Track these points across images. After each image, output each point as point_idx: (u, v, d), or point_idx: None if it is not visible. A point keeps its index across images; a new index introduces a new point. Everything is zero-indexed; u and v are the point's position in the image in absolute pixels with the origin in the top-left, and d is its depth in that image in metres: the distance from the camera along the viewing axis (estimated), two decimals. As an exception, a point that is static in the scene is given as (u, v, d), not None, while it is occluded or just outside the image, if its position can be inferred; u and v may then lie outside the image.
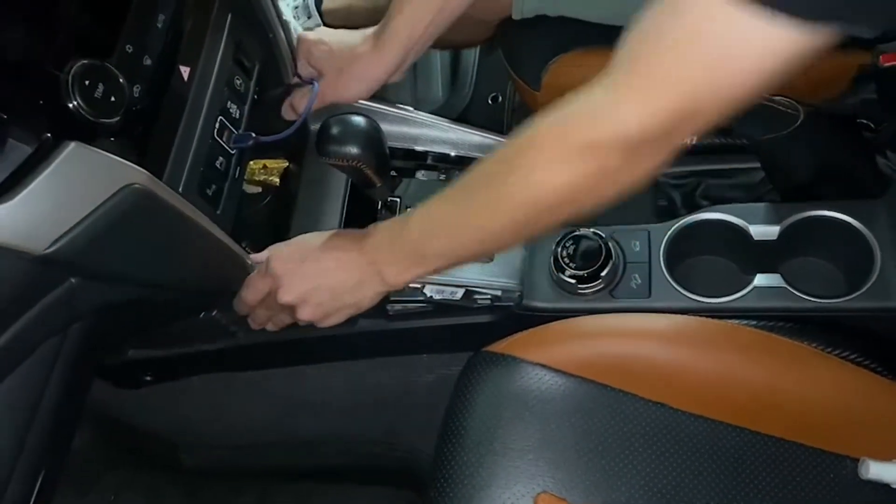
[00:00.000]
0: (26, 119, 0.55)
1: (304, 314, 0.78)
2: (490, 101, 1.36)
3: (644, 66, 0.55)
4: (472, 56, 1.39)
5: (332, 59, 0.88)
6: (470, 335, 0.90)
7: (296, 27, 1.25)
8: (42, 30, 0.57)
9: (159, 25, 0.66)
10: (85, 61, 0.59)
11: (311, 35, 0.91)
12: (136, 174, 0.60)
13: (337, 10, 1.24)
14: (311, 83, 0.91)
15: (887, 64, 0.82)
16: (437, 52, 1.36)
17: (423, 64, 1.36)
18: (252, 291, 0.80)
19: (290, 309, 0.79)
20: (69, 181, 0.56)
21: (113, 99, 0.60)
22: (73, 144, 0.56)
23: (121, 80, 0.61)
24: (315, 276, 0.77)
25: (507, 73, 1.04)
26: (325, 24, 1.25)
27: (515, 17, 0.94)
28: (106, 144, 0.60)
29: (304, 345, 0.97)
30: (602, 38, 0.94)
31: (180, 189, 0.70)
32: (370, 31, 0.87)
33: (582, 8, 0.92)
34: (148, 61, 0.64)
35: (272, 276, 0.78)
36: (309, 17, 1.24)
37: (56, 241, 0.56)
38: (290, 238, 0.90)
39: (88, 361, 0.73)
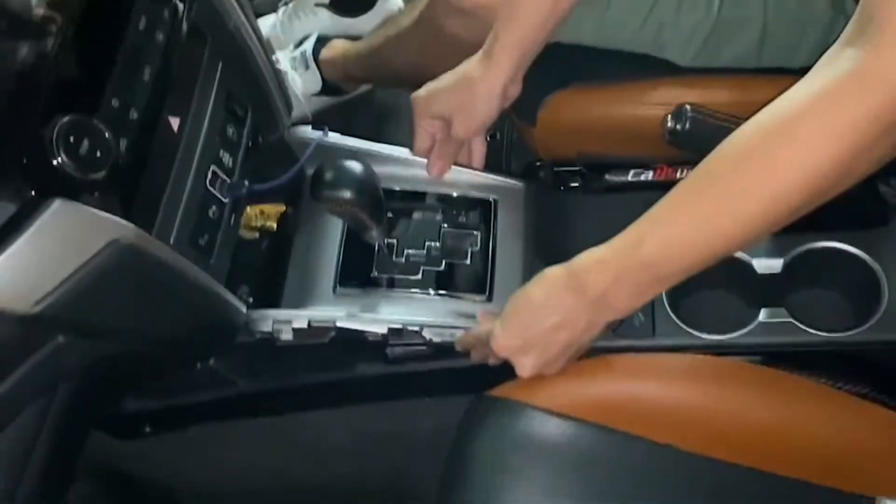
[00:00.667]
0: (10, 177, 0.55)
1: (549, 371, 0.75)
2: (487, 139, 1.35)
3: None
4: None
5: (451, 97, 0.89)
6: (472, 377, 0.88)
7: (293, 77, 1.26)
8: (25, 87, 0.57)
9: (146, 78, 0.66)
10: (69, 117, 0.58)
11: (420, 92, 0.92)
12: (122, 229, 0.60)
13: (334, 59, 1.24)
14: (321, 129, 0.91)
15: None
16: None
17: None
18: (472, 345, 0.81)
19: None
20: (54, 238, 0.56)
21: (99, 154, 0.60)
22: (57, 201, 0.56)
23: (107, 136, 0.60)
24: (542, 345, 0.73)
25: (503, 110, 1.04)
26: (323, 74, 1.26)
27: None
28: (93, 199, 0.59)
29: (304, 391, 0.95)
30: (598, 73, 0.94)
31: (171, 240, 0.70)
32: (476, 56, 0.87)
33: (574, 32, 0.91)
34: (135, 114, 0.64)
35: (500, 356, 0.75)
36: (307, 69, 1.25)
37: (41, 299, 0.55)
38: (285, 283, 0.90)
39: (81, 418, 0.72)
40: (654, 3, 0.87)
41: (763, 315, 0.82)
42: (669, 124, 0.76)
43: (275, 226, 0.97)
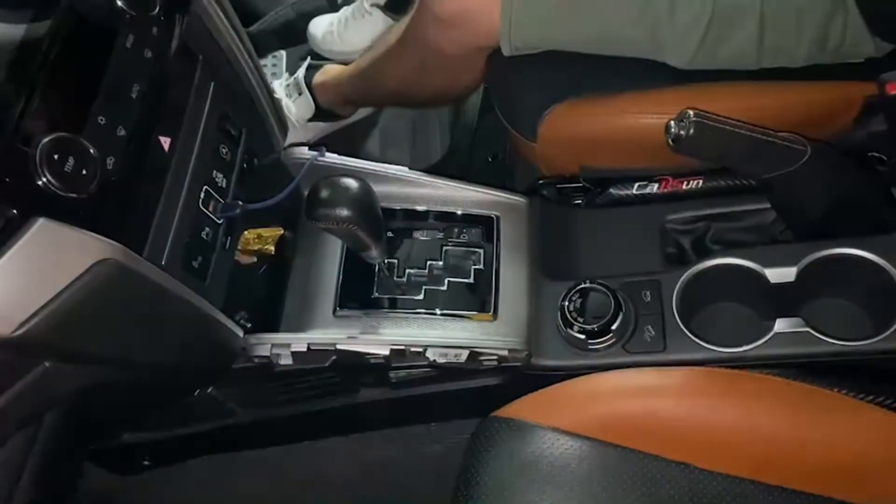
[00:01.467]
0: (-7, 197, 0.53)
1: None
2: (490, 160, 1.34)
3: None
4: (471, 115, 1.38)
5: None
6: (478, 400, 0.85)
7: (288, 105, 1.25)
8: (7, 105, 0.55)
9: (133, 95, 0.64)
10: (54, 135, 0.57)
11: None
12: (109, 249, 0.58)
13: (326, 83, 1.24)
14: (318, 150, 0.89)
15: (894, 91, 0.79)
16: (436, 113, 1.35)
17: (421, 124, 1.35)
18: None
19: None
20: (37, 259, 0.54)
21: (84, 172, 0.58)
22: (40, 220, 0.54)
23: (92, 152, 0.58)
24: None
25: (505, 129, 1.02)
26: (316, 99, 1.25)
27: (504, 51, 0.92)
28: (78, 218, 0.57)
29: (306, 420, 0.92)
30: (596, 84, 0.93)
31: (163, 262, 0.68)
32: None
33: (568, 33, 0.89)
34: (122, 132, 0.62)
35: None
36: (300, 94, 1.25)
37: (24, 322, 0.53)
38: (284, 307, 0.87)
39: (72, 451, 0.69)
40: (648, 3, 0.85)
41: (778, 326, 0.79)
42: (673, 130, 0.74)
43: (273, 250, 0.94)
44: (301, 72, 1.25)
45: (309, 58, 1.29)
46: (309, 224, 0.92)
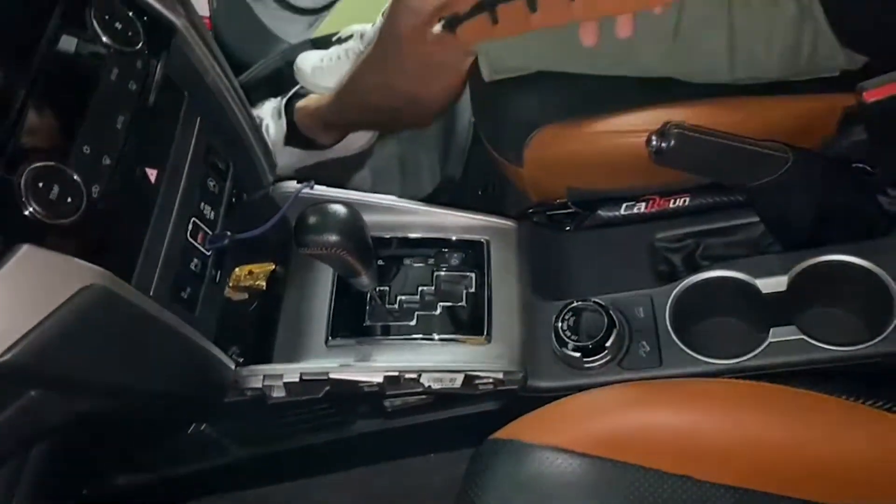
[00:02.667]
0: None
1: None
2: (480, 192, 1.34)
3: None
4: (461, 149, 1.39)
5: None
6: (476, 427, 0.84)
7: (268, 124, 1.26)
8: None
9: (118, 126, 0.65)
10: (38, 164, 0.57)
11: None
12: (95, 274, 0.58)
13: (307, 106, 1.25)
14: (306, 182, 0.90)
15: (871, 99, 0.80)
16: (425, 148, 1.36)
17: (410, 160, 1.36)
18: None
19: None
20: (22, 285, 0.54)
21: (69, 200, 0.59)
22: (24, 247, 0.54)
23: (77, 180, 0.59)
24: None
25: (493, 163, 1.03)
26: (297, 125, 1.26)
27: (485, 76, 0.93)
28: (64, 245, 0.57)
29: (302, 455, 0.91)
30: (578, 108, 0.94)
31: (151, 291, 0.68)
32: None
33: (550, 55, 0.91)
34: (107, 161, 0.63)
35: None
36: (280, 117, 1.27)
37: (8, 349, 0.52)
38: (275, 341, 0.87)
39: (59, 489, 0.68)
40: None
41: (773, 335, 0.78)
42: (654, 143, 0.74)
43: (264, 285, 0.94)
44: (286, 97, 1.26)
45: (298, 86, 1.31)
46: (299, 258, 0.93)
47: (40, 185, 0.57)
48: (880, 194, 0.86)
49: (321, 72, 1.40)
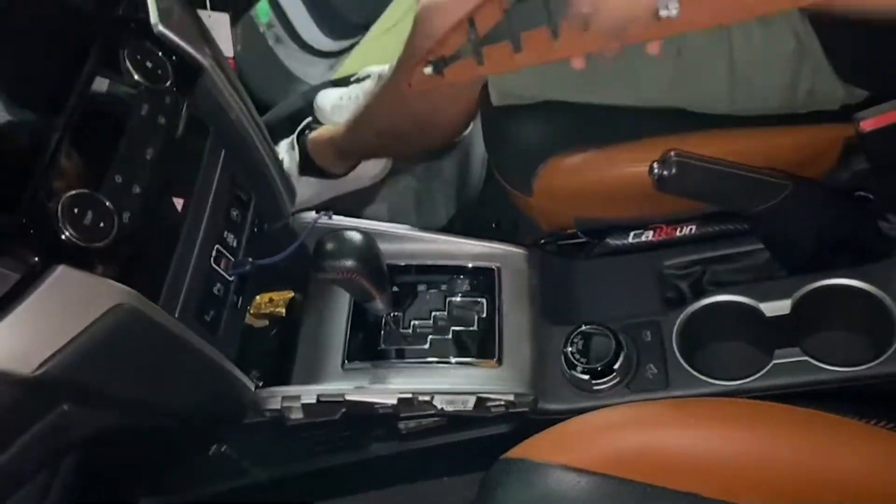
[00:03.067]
0: (18, 245, 0.57)
1: None
2: (494, 225, 1.38)
3: None
4: (475, 184, 1.42)
5: None
6: (488, 449, 0.85)
7: (282, 156, 1.31)
8: (33, 163, 0.60)
9: (148, 157, 0.69)
10: (74, 192, 0.61)
11: None
12: (125, 294, 0.62)
13: (321, 137, 1.29)
14: (324, 212, 0.94)
15: (868, 129, 0.83)
16: (440, 182, 1.40)
17: (425, 194, 1.40)
18: None
19: None
20: (58, 303, 0.57)
21: (102, 225, 0.63)
22: (60, 267, 0.58)
23: (108, 206, 0.63)
24: None
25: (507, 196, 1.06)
26: (311, 155, 1.31)
27: (494, 101, 0.97)
28: (97, 267, 0.61)
29: (319, 477, 0.93)
30: (586, 138, 0.97)
31: (176, 313, 0.71)
32: None
33: (557, 83, 0.94)
34: (137, 190, 0.67)
35: None
36: (293, 149, 1.31)
37: (45, 362, 0.56)
38: (293, 365, 0.90)
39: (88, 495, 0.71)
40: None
41: (777, 357, 0.80)
42: (656, 171, 0.78)
43: (283, 312, 0.98)
44: (298, 130, 1.31)
45: (310, 119, 1.36)
46: (318, 285, 0.96)
47: (76, 210, 0.61)
48: (881, 220, 0.88)
49: (340, 109, 1.46)
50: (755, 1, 0.80)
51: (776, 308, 0.83)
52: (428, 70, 0.88)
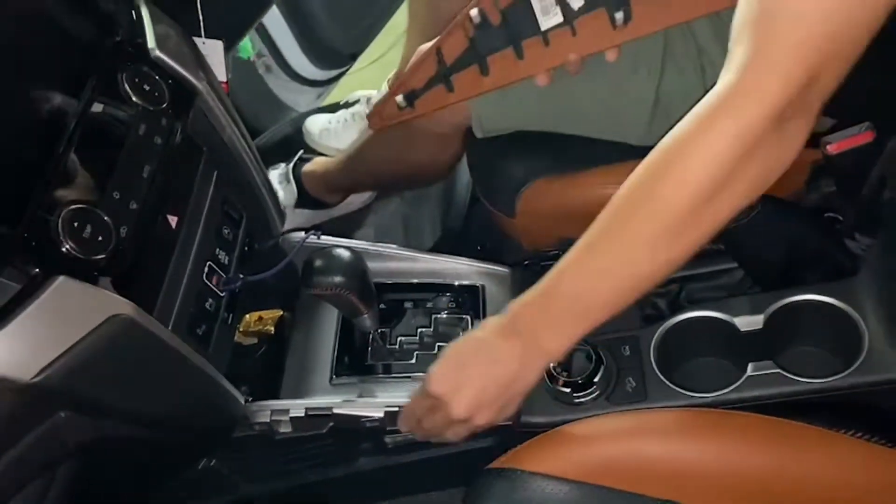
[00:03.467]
0: (19, 257, 0.60)
1: (481, 420, 0.76)
2: (479, 249, 1.40)
3: (765, 40, 0.61)
4: (461, 208, 1.46)
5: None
6: (474, 463, 0.87)
7: (277, 190, 1.34)
8: (35, 180, 0.63)
9: (145, 175, 0.72)
10: (74, 206, 0.64)
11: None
12: (122, 305, 0.64)
13: (315, 171, 1.33)
14: (313, 232, 0.96)
15: (834, 152, 0.87)
16: (427, 206, 1.43)
17: (412, 217, 1.43)
18: (409, 415, 0.79)
19: (465, 420, 0.76)
20: (57, 312, 0.60)
21: (100, 238, 0.65)
22: (61, 278, 0.60)
23: (106, 220, 0.66)
24: (478, 381, 0.73)
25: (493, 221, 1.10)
26: (305, 187, 1.34)
27: (477, 134, 1.01)
28: (97, 279, 0.64)
29: (306, 492, 0.95)
30: (567, 163, 1.01)
31: (170, 326, 0.73)
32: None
33: (532, 114, 0.98)
34: (134, 205, 0.70)
35: (433, 398, 0.75)
36: (288, 182, 1.34)
37: (43, 369, 0.58)
38: (282, 380, 0.92)
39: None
40: (599, 77, 0.94)
41: (750, 369, 0.83)
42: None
43: (272, 330, 1.00)
44: (291, 163, 1.34)
45: (301, 151, 1.39)
46: (306, 303, 0.99)
47: (75, 224, 0.64)
48: (848, 239, 0.92)
49: (328, 134, 1.49)
50: (695, 2, 0.85)
51: (749, 323, 0.86)
52: (401, 101, 0.93)
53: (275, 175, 1.38)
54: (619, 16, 0.87)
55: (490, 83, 0.91)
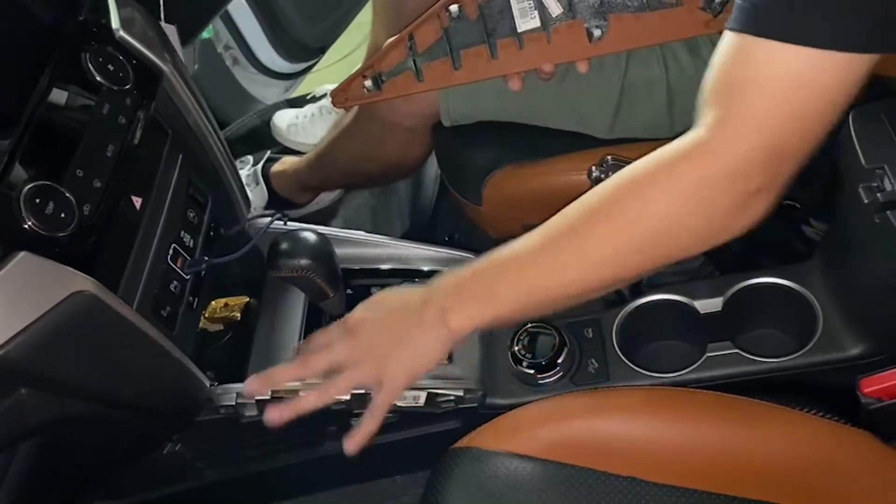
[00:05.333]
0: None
1: (360, 371, 0.74)
2: (447, 239, 1.42)
3: (733, 110, 0.63)
4: (429, 198, 1.47)
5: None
6: (440, 447, 0.89)
7: (254, 201, 1.34)
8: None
9: (108, 154, 0.72)
10: (36, 183, 0.64)
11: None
12: (85, 282, 0.64)
13: (284, 172, 1.33)
14: (279, 214, 0.96)
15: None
16: (395, 196, 1.44)
17: (381, 209, 1.44)
18: (323, 336, 0.77)
19: (347, 364, 0.74)
20: (18, 288, 0.59)
21: (63, 215, 0.65)
22: (22, 253, 0.60)
23: (69, 197, 0.65)
24: (380, 319, 0.74)
25: (460, 211, 1.11)
26: (274, 188, 1.34)
27: (445, 123, 1.02)
28: (60, 256, 0.63)
29: (272, 477, 0.95)
30: (533, 150, 1.02)
31: (134, 306, 0.73)
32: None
33: (498, 106, 1.00)
34: (98, 184, 0.69)
35: (344, 324, 0.75)
36: (257, 185, 1.34)
37: (3, 344, 0.58)
38: (248, 364, 0.92)
39: (42, 496, 0.72)
40: (565, 73, 0.96)
41: (710, 350, 0.85)
42: (594, 174, 0.83)
43: (238, 317, 1.00)
44: (259, 164, 1.34)
45: (269, 151, 1.39)
46: (273, 289, 0.99)
47: (37, 200, 0.63)
48: (804, 225, 0.94)
49: (296, 129, 1.49)
50: (671, 27, 0.88)
51: (709, 305, 0.88)
52: (368, 84, 0.93)
53: (243, 175, 1.37)
54: (597, 32, 0.88)
55: (461, 77, 0.92)
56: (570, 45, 0.90)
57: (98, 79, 0.74)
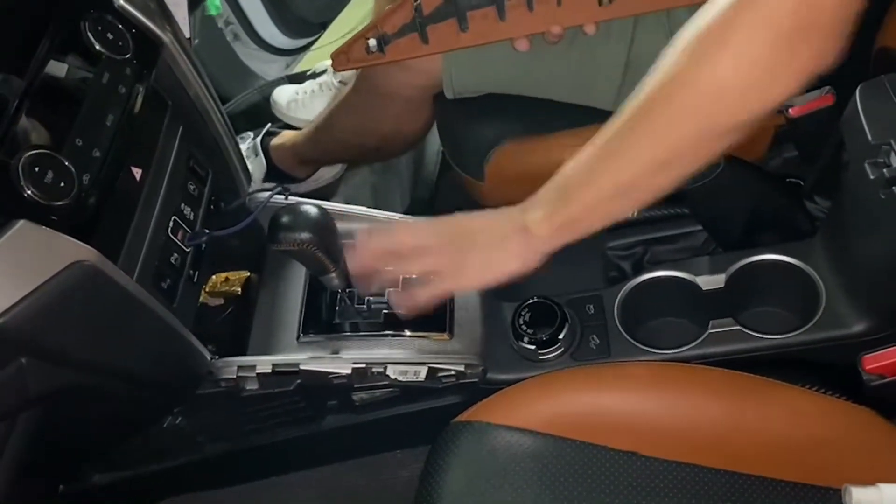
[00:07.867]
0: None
1: (436, 260, 0.72)
2: (449, 216, 1.41)
3: None
4: (430, 175, 1.46)
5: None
6: (441, 421, 0.89)
7: (253, 173, 1.33)
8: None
9: (108, 124, 0.71)
10: (35, 151, 0.63)
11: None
12: (85, 252, 0.63)
13: (283, 145, 1.32)
14: (280, 187, 0.96)
15: (796, 115, 0.89)
16: (396, 174, 1.43)
17: (382, 185, 1.43)
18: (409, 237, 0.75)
19: (422, 256, 0.72)
20: (18, 256, 0.59)
21: (62, 184, 0.64)
22: (21, 222, 0.59)
23: (68, 166, 0.65)
24: (456, 224, 0.72)
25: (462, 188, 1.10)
26: (274, 161, 1.33)
27: (448, 95, 1.01)
28: (59, 225, 0.63)
29: (273, 451, 0.95)
30: (536, 125, 1.02)
31: (135, 277, 0.73)
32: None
33: (503, 77, 0.98)
34: (97, 153, 0.69)
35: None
36: (256, 156, 1.33)
37: (3, 313, 0.57)
38: (249, 338, 0.92)
39: (41, 486, 0.72)
40: (572, 42, 0.95)
41: (712, 327, 0.85)
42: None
43: (239, 291, 0.99)
44: (259, 136, 1.33)
45: (269, 124, 1.38)
46: (274, 263, 0.98)
47: (36, 169, 0.63)
48: (808, 201, 0.94)
49: (296, 105, 1.48)
50: None
51: (712, 282, 0.88)
52: (372, 43, 0.91)
53: (243, 148, 1.36)
54: (606, -2, 0.87)
55: (468, 39, 0.90)
56: (579, 8, 0.88)
57: (97, 47, 0.73)
